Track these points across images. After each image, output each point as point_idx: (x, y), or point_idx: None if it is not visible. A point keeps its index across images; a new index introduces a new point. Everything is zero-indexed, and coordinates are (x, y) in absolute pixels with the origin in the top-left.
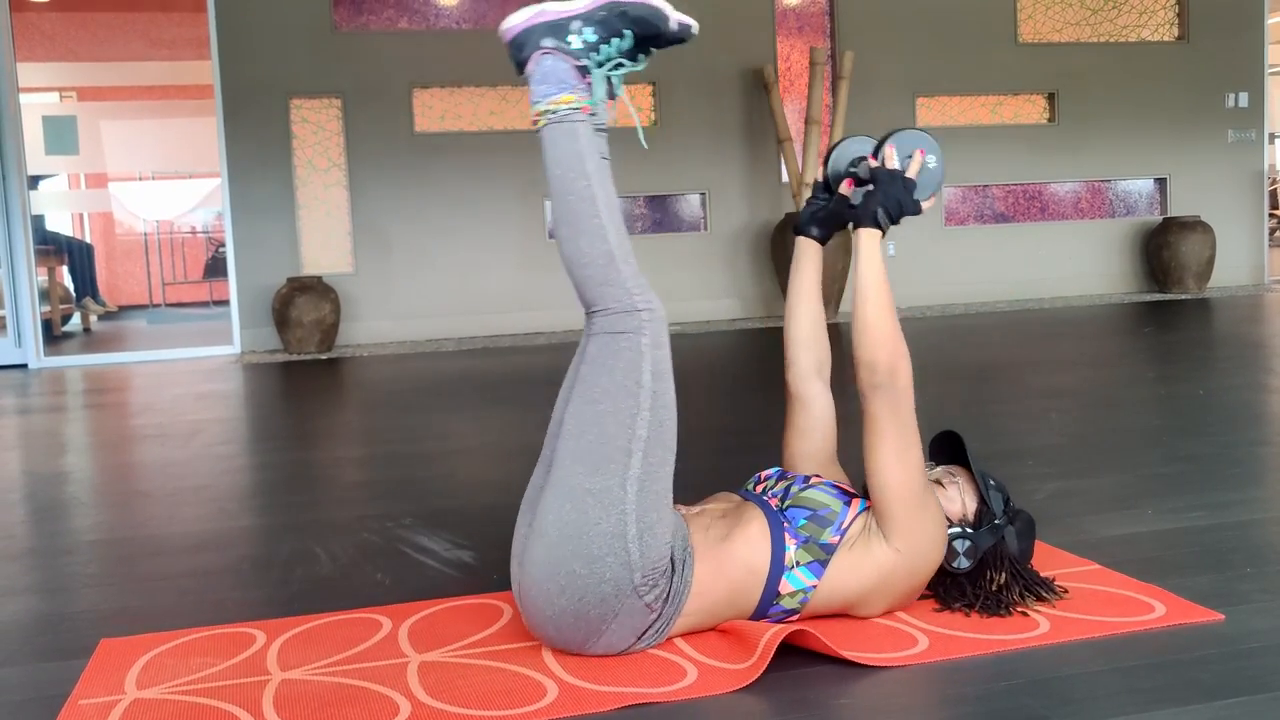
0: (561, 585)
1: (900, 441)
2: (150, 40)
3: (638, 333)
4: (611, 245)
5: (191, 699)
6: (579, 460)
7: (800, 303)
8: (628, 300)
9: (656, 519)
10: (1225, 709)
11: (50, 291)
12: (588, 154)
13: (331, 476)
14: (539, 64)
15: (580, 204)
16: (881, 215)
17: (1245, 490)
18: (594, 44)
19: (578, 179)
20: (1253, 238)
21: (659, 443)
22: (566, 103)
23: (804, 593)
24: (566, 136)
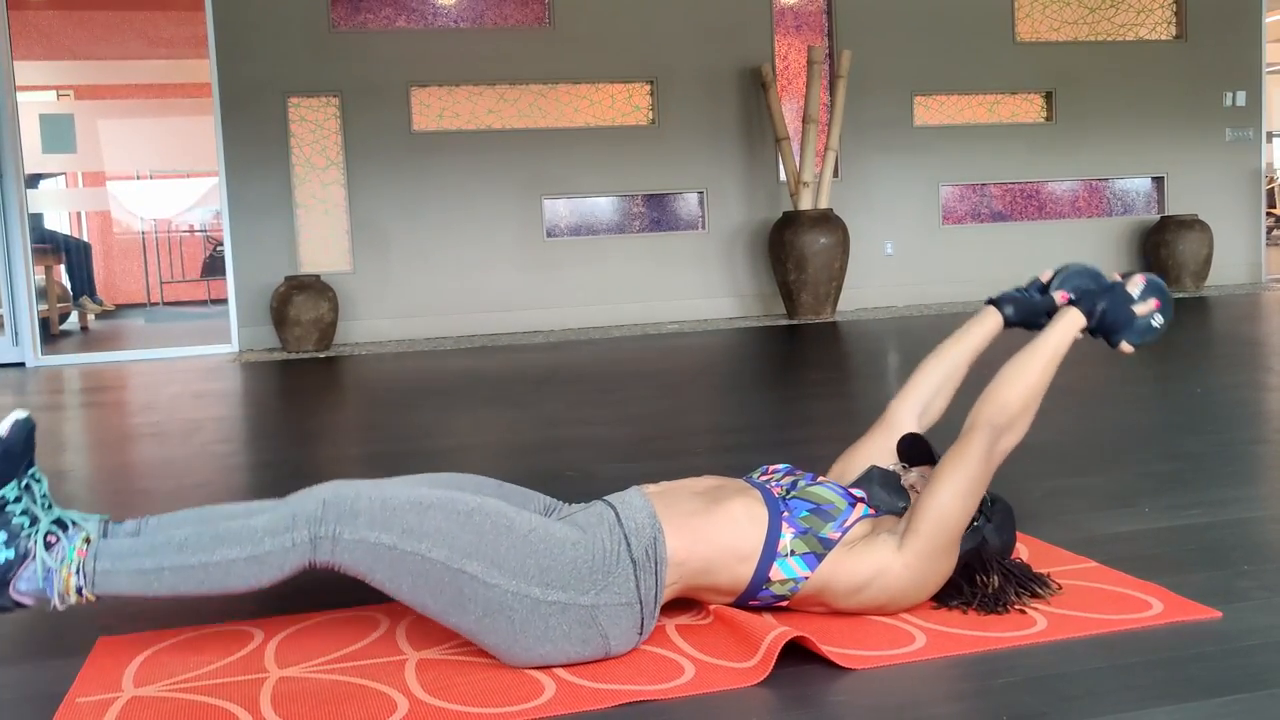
0: (545, 657)
1: (971, 482)
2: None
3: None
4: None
5: (189, 697)
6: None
7: (951, 354)
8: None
9: (540, 557)
10: (1223, 706)
11: (48, 290)
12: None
13: (330, 474)
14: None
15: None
16: (1096, 314)
17: (1243, 488)
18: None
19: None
20: (1250, 236)
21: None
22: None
23: (795, 582)
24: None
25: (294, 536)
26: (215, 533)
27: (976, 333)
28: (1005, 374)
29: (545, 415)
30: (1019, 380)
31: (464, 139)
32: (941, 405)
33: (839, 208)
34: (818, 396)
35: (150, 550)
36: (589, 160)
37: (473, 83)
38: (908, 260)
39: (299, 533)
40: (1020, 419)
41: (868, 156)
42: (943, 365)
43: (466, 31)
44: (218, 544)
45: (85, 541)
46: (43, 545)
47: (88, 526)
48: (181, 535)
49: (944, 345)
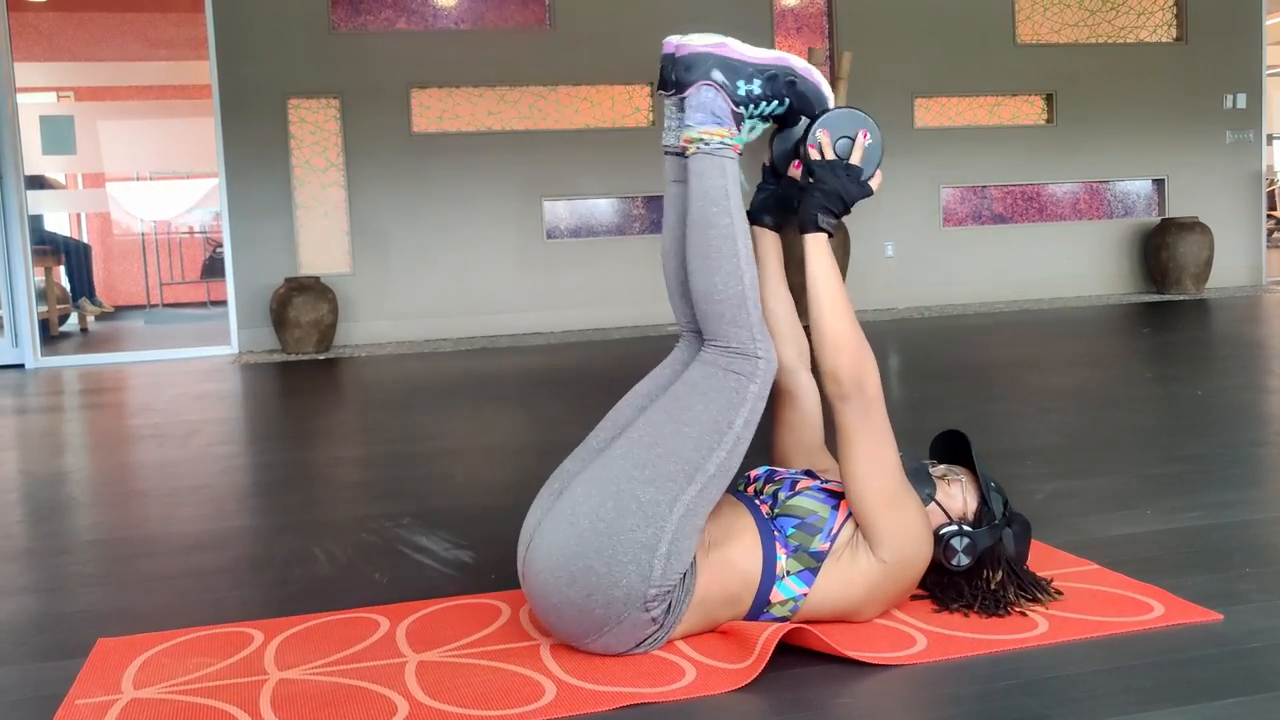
0: (574, 576)
1: (874, 449)
2: (148, 40)
3: (750, 377)
4: (745, 287)
5: (189, 699)
6: (640, 467)
7: (767, 294)
8: (750, 345)
9: (687, 546)
10: (1224, 708)
11: (48, 292)
12: (734, 192)
13: (329, 476)
14: (700, 92)
15: (722, 240)
16: (824, 218)
17: (1244, 490)
18: (756, 97)
19: (722, 215)
20: (1251, 238)
21: (720, 482)
22: (720, 136)
23: (794, 601)
24: (717, 170)
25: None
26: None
27: (767, 259)
28: (814, 345)
29: (545, 417)
30: (826, 342)
31: (464, 140)
32: (802, 336)
33: None
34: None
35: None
36: (589, 162)
37: (473, 84)
38: (908, 262)
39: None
40: (856, 368)
41: None
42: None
43: (466, 33)
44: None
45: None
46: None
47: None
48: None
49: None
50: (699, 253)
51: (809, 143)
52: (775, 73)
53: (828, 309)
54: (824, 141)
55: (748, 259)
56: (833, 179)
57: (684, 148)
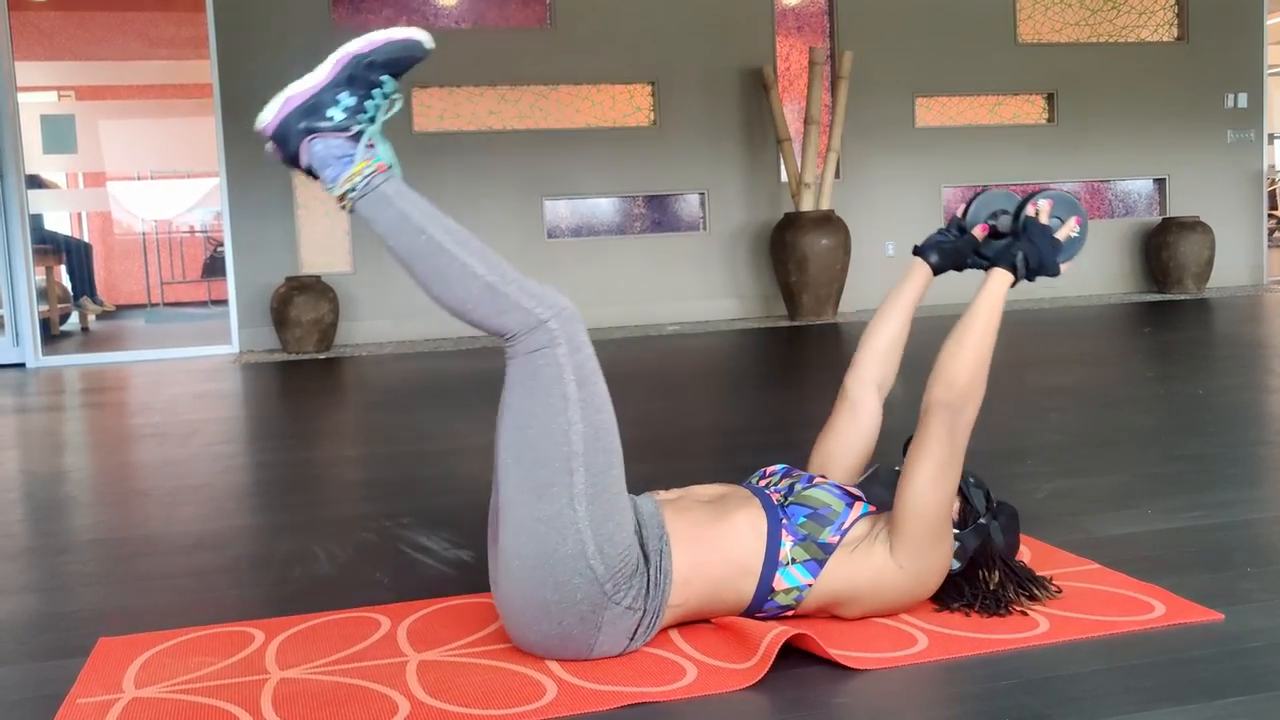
0: (537, 614)
1: (943, 466)
2: (149, 39)
3: (551, 345)
4: (484, 276)
5: (190, 698)
6: (522, 489)
7: (891, 316)
8: (528, 317)
9: (614, 526)
10: (1225, 708)
11: (48, 291)
12: (409, 210)
13: (330, 476)
14: (310, 152)
15: (432, 258)
16: (1022, 264)
17: (1245, 490)
18: (356, 106)
19: (414, 238)
20: (1252, 238)
21: (598, 449)
22: (360, 173)
23: (799, 590)
24: (380, 205)
25: (533, 306)
26: (482, 248)
27: (909, 288)
28: (947, 349)
29: None
30: (961, 353)
31: (465, 140)
32: (894, 369)
33: (840, 209)
34: (819, 398)
35: (428, 213)
36: (590, 161)
37: (474, 83)
38: (909, 260)
39: (539, 308)
40: (972, 391)
41: (869, 158)
42: (886, 330)
43: (467, 32)
44: (477, 256)
45: (390, 167)
46: (364, 137)
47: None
48: (458, 228)
49: (882, 309)
50: (427, 281)
51: (1033, 200)
52: (349, 73)
53: (979, 331)
54: (1044, 208)
55: (468, 250)
56: (1042, 241)
57: (345, 207)
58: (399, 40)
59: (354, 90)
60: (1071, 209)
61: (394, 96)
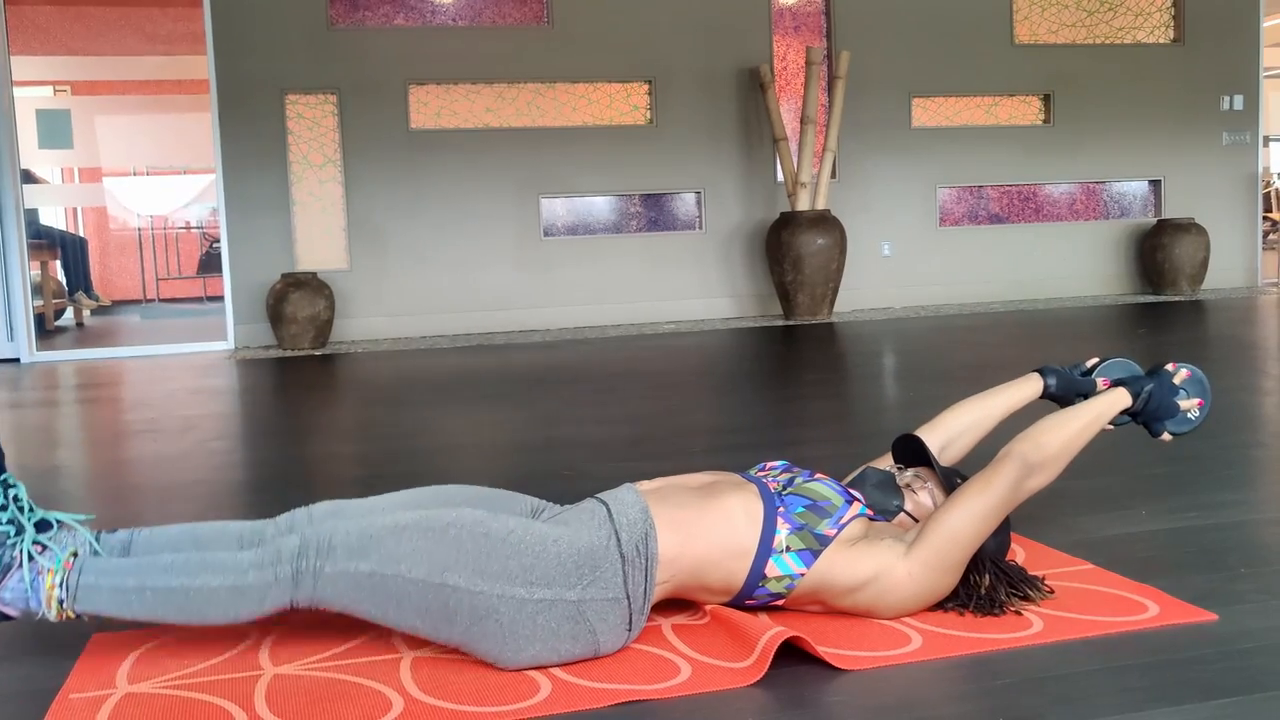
0: (536, 657)
1: (991, 510)
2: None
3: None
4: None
5: (183, 694)
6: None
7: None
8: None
9: (524, 557)
10: (1219, 708)
11: (43, 286)
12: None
13: (325, 472)
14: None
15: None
16: (1142, 397)
17: (1239, 491)
18: None
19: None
20: (1246, 240)
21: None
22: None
23: (791, 579)
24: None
25: (277, 571)
26: (201, 559)
27: (1015, 392)
28: (1046, 421)
29: (541, 414)
30: (1059, 428)
31: (462, 137)
32: (965, 447)
33: (836, 208)
34: (814, 397)
35: (135, 569)
36: (586, 160)
37: (470, 81)
38: (905, 261)
39: (282, 568)
40: (1053, 462)
41: (865, 157)
42: (975, 411)
43: (464, 30)
44: (202, 570)
45: (73, 555)
46: (28, 555)
47: (75, 540)
48: (168, 559)
49: (982, 394)
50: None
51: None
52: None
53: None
54: (1182, 374)
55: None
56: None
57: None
58: None
59: None
60: (1201, 391)
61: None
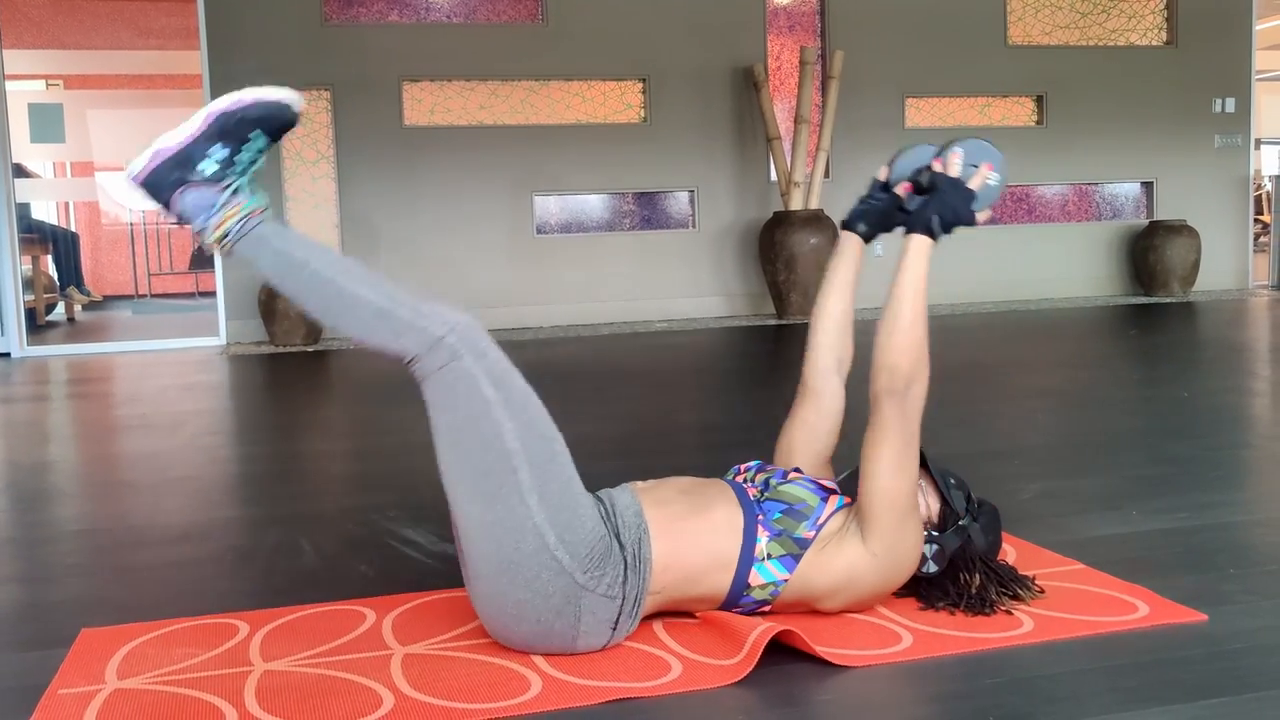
0: (514, 614)
1: (901, 451)
2: (138, 29)
3: (455, 359)
4: (374, 302)
5: (173, 690)
6: (473, 501)
7: (834, 297)
8: (425, 337)
9: (571, 514)
10: (1208, 708)
11: (34, 280)
12: (288, 247)
13: (317, 468)
14: (182, 202)
15: (319, 291)
16: (936, 224)
17: (1229, 492)
18: (227, 159)
19: (298, 274)
20: (1237, 242)
21: (536, 441)
22: (233, 217)
23: (774, 585)
24: (258, 246)
25: (428, 325)
26: (369, 275)
27: (844, 264)
28: (883, 334)
29: None
30: (896, 336)
31: (455, 134)
32: (849, 348)
33: (830, 208)
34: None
35: (310, 249)
36: (580, 157)
37: (465, 78)
38: (896, 261)
39: (434, 326)
40: (915, 372)
41: (859, 157)
42: (832, 310)
43: (459, 26)
44: (364, 283)
45: (264, 210)
46: (233, 189)
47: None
48: (342, 259)
49: (824, 292)
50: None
51: (938, 156)
52: (219, 127)
53: (907, 307)
54: (953, 160)
55: (352, 279)
56: (953, 194)
57: (217, 250)
58: (268, 101)
59: (225, 143)
60: (984, 154)
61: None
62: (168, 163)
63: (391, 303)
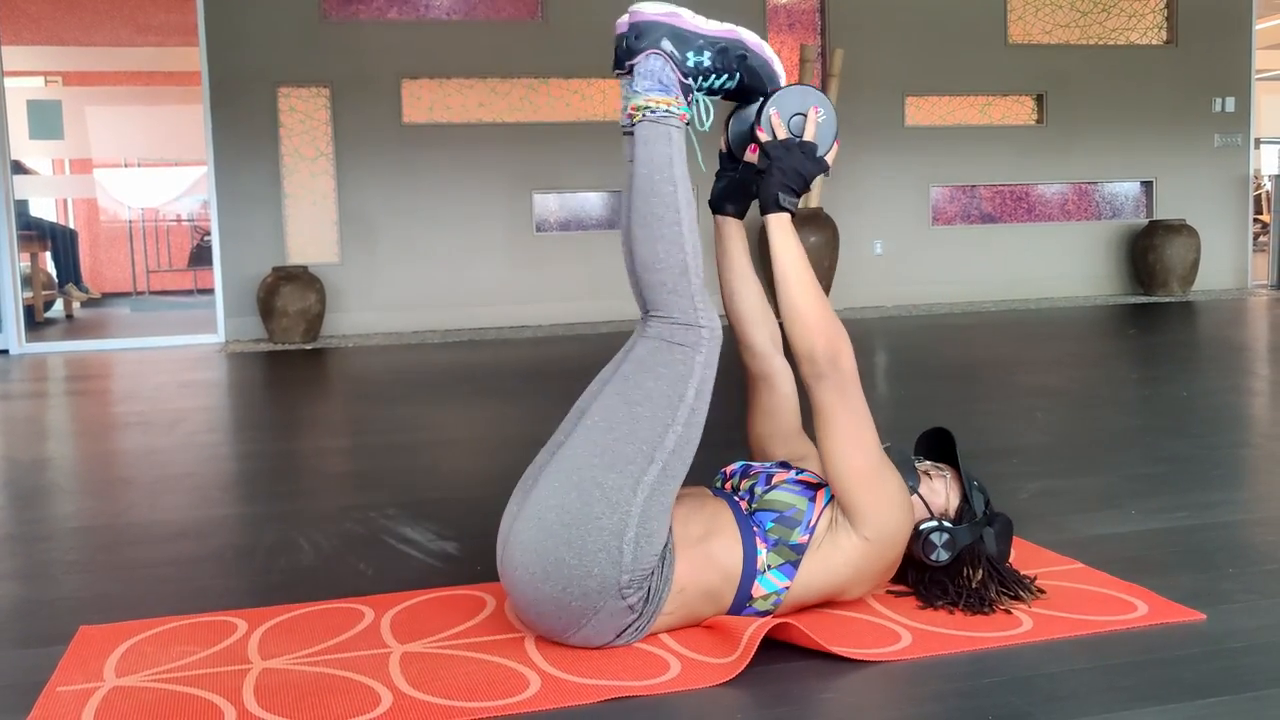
0: (547, 571)
1: (852, 427)
2: (137, 26)
3: (694, 348)
4: (687, 255)
5: (171, 687)
6: (599, 454)
7: (737, 281)
8: (692, 314)
9: (656, 527)
10: (1207, 707)
11: (33, 277)
12: (679, 160)
13: (315, 466)
14: (648, 60)
15: (664, 209)
16: (785, 197)
17: (1228, 491)
18: (706, 69)
19: (665, 183)
20: (1237, 241)
21: (681, 457)
22: (668, 105)
23: (776, 594)
24: (662, 138)
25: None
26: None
27: (732, 244)
28: (786, 327)
29: (532, 410)
30: (799, 321)
31: (454, 132)
32: (772, 319)
33: (829, 207)
34: (804, 395)
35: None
36: (579, 155)
37: (464, 76)
38: (897, 260)
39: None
40: (831, 346)
41: (858, 156)
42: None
43: (458, 24)
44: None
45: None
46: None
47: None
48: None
49: (725, 279)
50: (642, 220)
51: (759, 125)
52: (726, 45)
53: (795, 289)
54: (775, 121)
55: (691, 228)
56: (788, 157)
57: (631, 116)
58: (773, 68)
59: (716, 59)
60: (805, 100)
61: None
62: (671, 28)
63: (696, 270)
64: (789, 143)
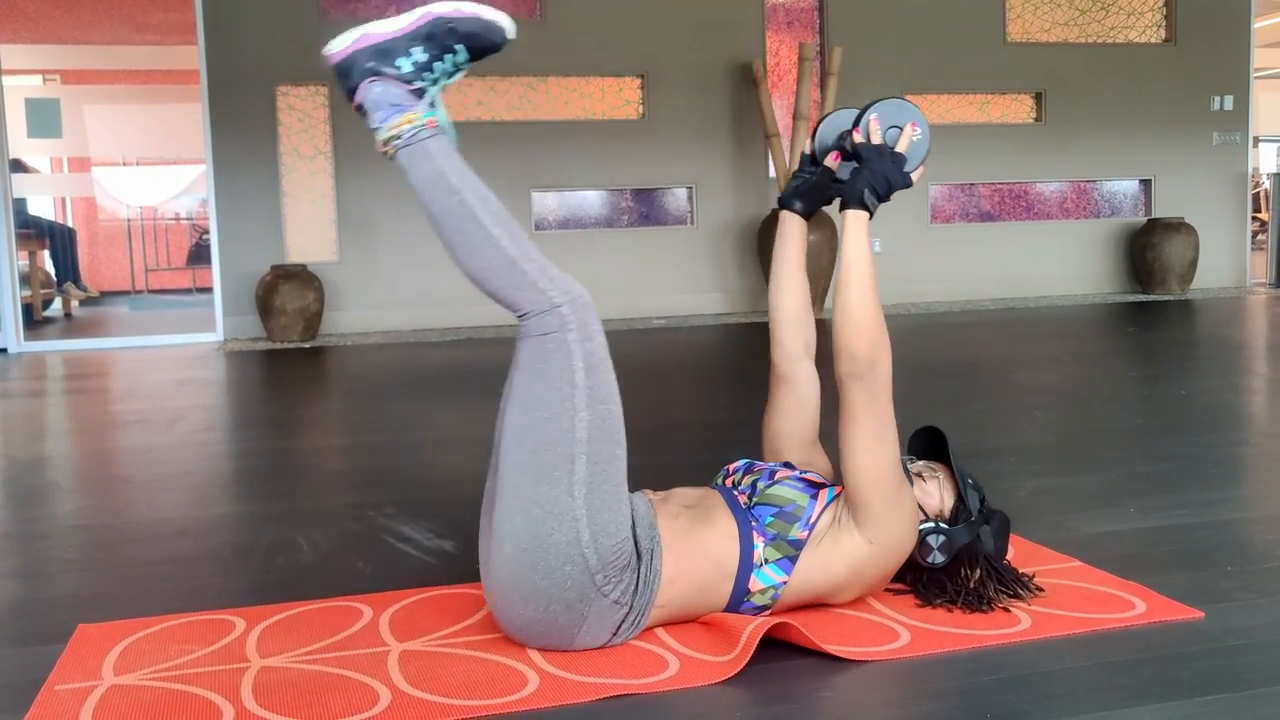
0: (525, 596)
1: (877, 432)
2: (135, 24)
3: (562, 330)
4: (507, 250)
5: (169, 685)
6: (522, 472)
7: (785, 279)
8: (543, 299)
9: (610, 517)
10: (1205, 705)
11: (31, 276)
12: (448, 169)
13: (313, 465)
14: (370, 90)
15: (460, 221)
16: (869, 196)
17: (1226, 489)
18: (425, 63)
19: (447, 197)
20: (1235, 240)
21: (603, 439)
22: (409, 123)
23: (774, 589)
24: (421, 157)
25: (549, 288)
26: (511, 225)
27: (790, 244)
28: (838, 319)
29: None
30: (849, 318)
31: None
32: (812, 328)
33: (829, 205)
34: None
35: (465, 177)
36: (578, 153)
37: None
38: (895, 259)
39: (554, 291)
40: (874, 350)
41: None
42: (788, 292)
43: None
44: (505, 229)
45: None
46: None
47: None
48: (493, 200)
49: (776, 275)
50: (451, 244)
51: (857, 127)
52: (428, 31)
53: (856, 287)
54: (874, 128)
55: (495, 219)
56: (880, 163)
57: (385, 153)
58: (485, 19)
59: (429, 48)
60: (904, 114)
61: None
62: (369, 50)
63: (523, 256)
64: (882, 149)
